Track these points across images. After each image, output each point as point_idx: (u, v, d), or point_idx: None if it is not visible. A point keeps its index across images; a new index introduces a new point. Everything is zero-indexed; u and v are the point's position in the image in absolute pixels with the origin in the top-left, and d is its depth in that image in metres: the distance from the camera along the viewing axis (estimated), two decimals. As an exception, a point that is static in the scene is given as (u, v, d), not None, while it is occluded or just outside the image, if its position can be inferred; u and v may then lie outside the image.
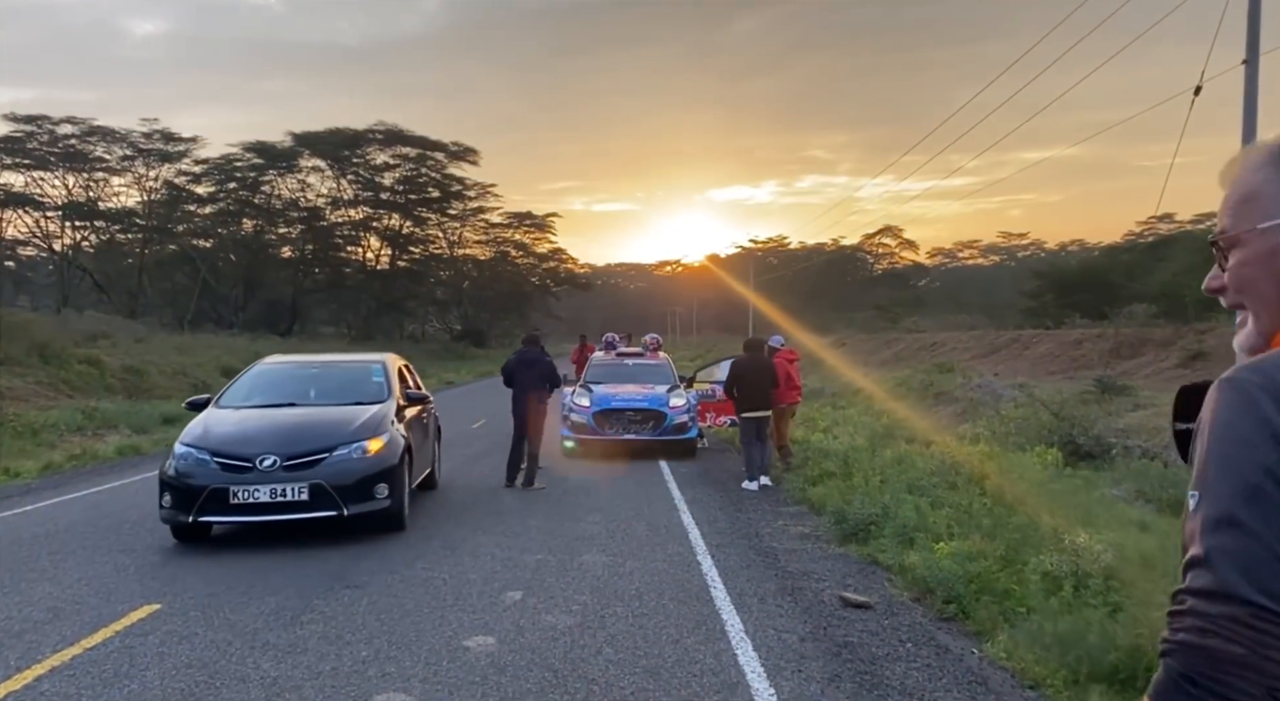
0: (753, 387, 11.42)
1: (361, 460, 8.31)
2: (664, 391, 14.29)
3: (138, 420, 20.58)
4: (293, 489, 7.95)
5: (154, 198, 58.39)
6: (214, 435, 8.42)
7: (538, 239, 73.66)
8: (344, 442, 8.34)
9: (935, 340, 39.11)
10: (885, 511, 8.37)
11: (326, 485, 8.02)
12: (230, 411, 9.14)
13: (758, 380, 11.47)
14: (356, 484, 8.17)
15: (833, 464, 11.63)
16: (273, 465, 8.01)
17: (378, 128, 59.73)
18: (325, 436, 8.38)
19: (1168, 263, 35.40)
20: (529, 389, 11.57)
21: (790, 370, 12.26)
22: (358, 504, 8.14)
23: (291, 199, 61.72)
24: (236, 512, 7.96)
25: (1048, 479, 11.30)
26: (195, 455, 8.17)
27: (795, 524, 9.22)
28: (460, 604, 6.38)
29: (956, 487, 9.92)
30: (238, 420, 8.81)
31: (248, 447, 8.15)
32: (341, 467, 8.17)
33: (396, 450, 8.70)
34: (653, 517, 9.51)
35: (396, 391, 9.75)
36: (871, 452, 12.84)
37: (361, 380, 10.03)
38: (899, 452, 13.49)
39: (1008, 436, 16.57)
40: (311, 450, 8.18)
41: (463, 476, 12.30)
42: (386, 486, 8.37)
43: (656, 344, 16.50)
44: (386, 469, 8.44)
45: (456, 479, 12.09)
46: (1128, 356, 25.94)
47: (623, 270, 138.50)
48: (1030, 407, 19.45)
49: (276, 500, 7.91)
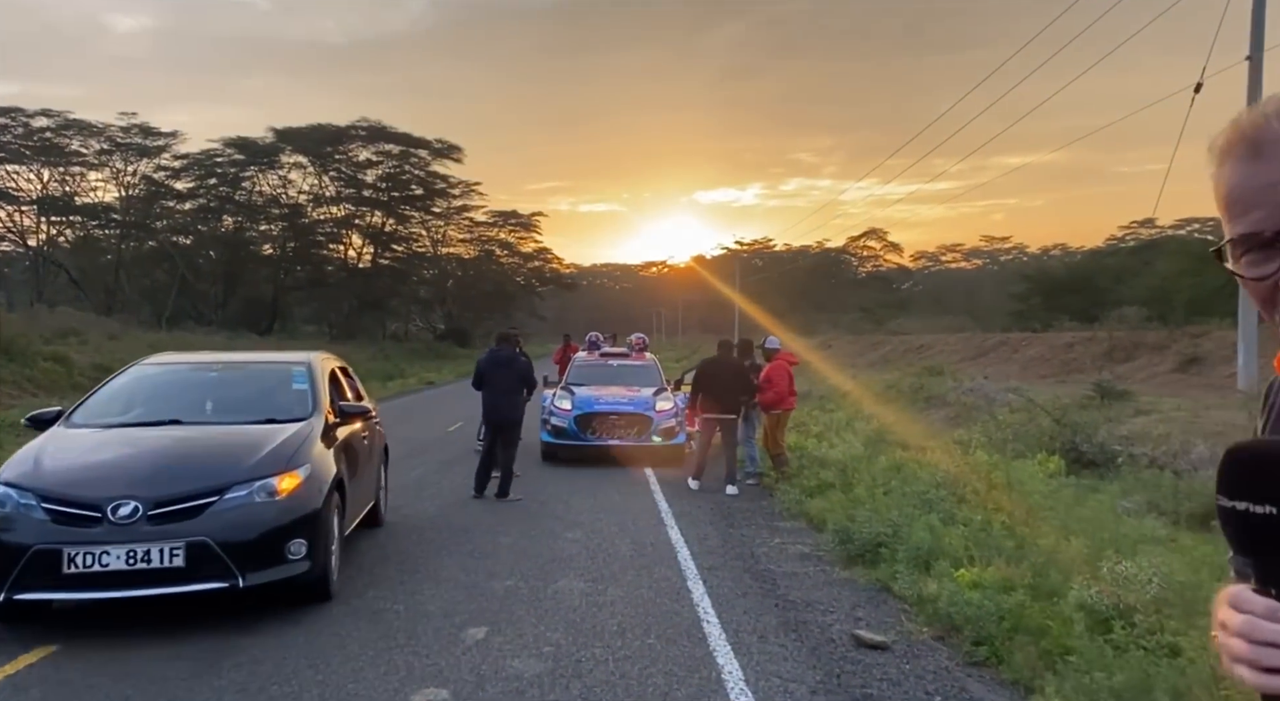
0: (724, 389, 11.03)
1: (268, 505, 5.81)
2: (650, 394, 13.37)
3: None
4: (161, 551, 5.41)
5: (132, 193, 57.05)
6: (48, 469, 5.82)
7: (523, 238, 72.61)
8: (243, 479, 5.81)
9: (922, 342, 38.42)
10: (895, 530, 7.47)
11: (213, 543, 5.50)
12: (85, 432, 6.55)
13: (727, 382, 11.06)
14: (259, 540, 5.70)
15: (831, 473, 10.76)
16: (133, 514, 5.45)
17: (360, 124, 58.55)
18: (215, 470, 5.89)
19: (1156, 266, 34.85)
20: (501, 392, 10.61)
21: (786, 375, 11.32)
22: (260, 569, 5.67)
23: (273, 195, 60.45)
24: (72, 587, 5.43)
25: (1053, 488, 10.51)
26: (16, 499, 5.55)
27: (794, 541, 8.32)
28: (413, 644, 5.44)
29: (966, 502, 9.06)
30: (90, 447, 6.26)
31: (96, 488, 5.59)
32: (237, 517, 5.68)
33: (320, 488, 6.20)
34: (638, 534, 8.59)
35: (325, 403, 7.16)
36: (870, 461, 12.00)
37: (278, 388, 7.46)
38: (895, 460, 12.67)
39: (1005, 443, 15.77)
40: (193, 492, 5.64)
41: (431, 485, 11.35)
42: (304, 542, 5.88)
43: (643, 344, 15.57)
44: (305, 517, 5.94)
45: (425, 488, 11.13)
46: (1121, 360, 25.25)
47: (608, 270, 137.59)
48: (1026, 412, 18.69)
49: (135, 567, 5.36)
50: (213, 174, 58.50)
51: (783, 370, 11.22)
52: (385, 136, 59.08)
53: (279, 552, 5.80)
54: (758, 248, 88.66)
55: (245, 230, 61.56)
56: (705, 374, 11.39)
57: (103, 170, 56.40)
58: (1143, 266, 36.21)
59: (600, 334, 16.53)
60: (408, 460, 13.58)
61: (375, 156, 60.43)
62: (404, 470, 12.48)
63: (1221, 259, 1.08)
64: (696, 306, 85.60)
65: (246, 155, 58.09)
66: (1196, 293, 29.51)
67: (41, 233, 55.56)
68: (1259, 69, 18.48)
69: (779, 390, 11.15)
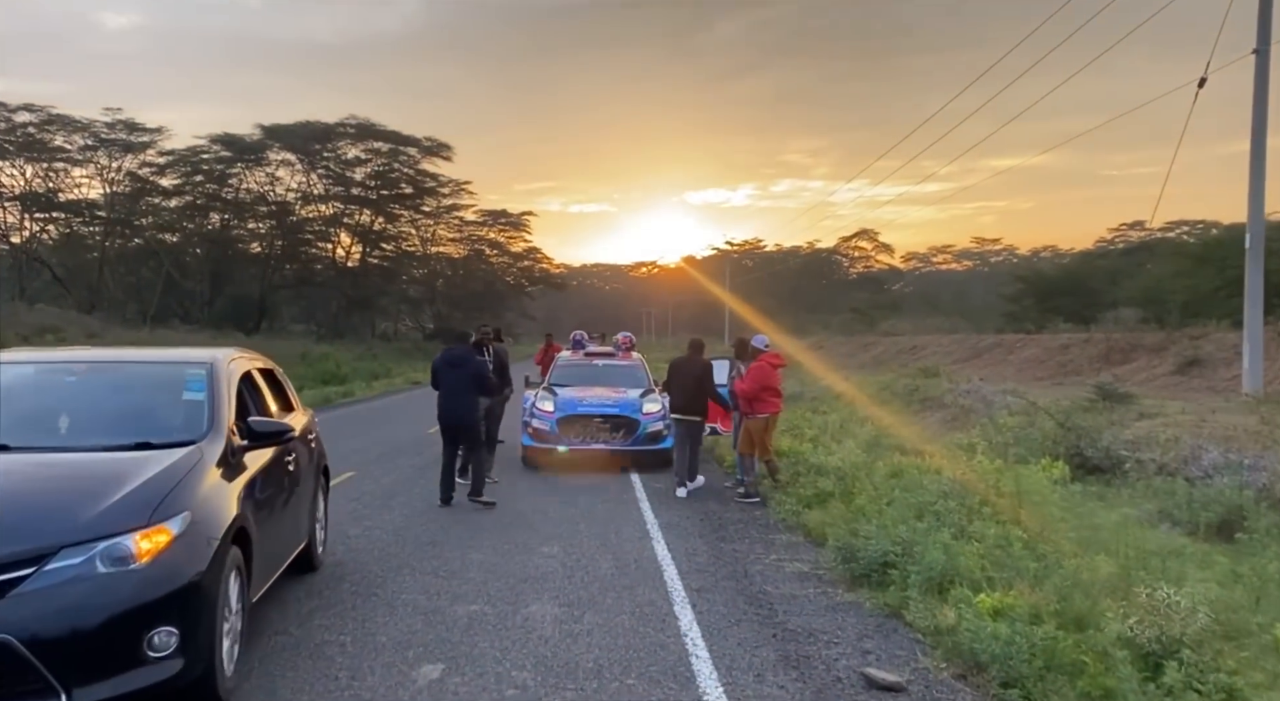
0: (681, 390, 10.82)
1: (115, 578, 3.88)
2: (637, 396, 12.61)
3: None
4: None
5: (117, 189, 56.03)
6: None
7: (513, 237, 71.75)
8: (77, 540, 3.90)
9: (915, 343, 37.77)
10: (905, 548, 6.73)
11: (17, 643, 3.63)
12: None
13: (684, 383, 10.82)
14: (97, 633, 3.78)
15: (829, 482, 10.02)
16: None
17: (349, 121, 57.63)
18: (35, 526, 3.95)
19: (1150, 267, 34.26)
20: (452, 393, 9.86)
21: (773, 375, 10.54)
22: (98, 677, 3.77)
23: (260, 193, 59.46)
24: None
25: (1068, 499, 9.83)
26: None
27: (791, 558, 7.57)
28: (355, 685, 4.68)
29: (977, 514, 8.34)
30: None
31: None
32: (62, 599, 3.76)
33: (207, 544, 4.29)
34: (620, 549, 7.83)
35: (228, 420, 5.20)
36: (869, 468, 11.28)
37: (162, 399, 5.43)
38: (895, 465, 11.97)
39: (1006, 447, 15.10)
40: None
41: (402, 493, 10.57)
42: (174, 631, 3.97)
43: (629, 343, 14.78)
44: (177, 592, 4.01)
45: (395, 496, 10.35)
46: (1119, 362, 24.61)
47: (599, 271, 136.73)
48: (1026, 415, 18.02)
49: None
50: (199, 171, 57.52)
51: (763, 371, 10.39)
52: (374, 134, 58.19)
53: (132, 649, 3.86)
54: (748, 248, 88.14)
55: (233, 228, 60.62)
56: (672, 373, 11.17)
57: (87, 166, 55.46)
58: (1136, 268, 35.65)
59: (585, 332, 15.73)
60: (381, 464, 12.81)
61: (364, 154, 59.54)
62: (375, 476, 11.72)
63: None
64: (687, 307, 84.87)
65: (233, 152, 57.12)
66: (1192, 294, 28.92)
67: (25, 229, 54.55)
68: (1266, 63, 17.86)
69: (747, 391, 10.29)
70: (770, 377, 10.33)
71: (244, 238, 61.70)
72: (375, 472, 12.05)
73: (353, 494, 10.33)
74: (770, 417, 10.35)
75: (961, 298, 72.32)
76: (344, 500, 9.93)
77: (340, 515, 9.03)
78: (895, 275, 79.73)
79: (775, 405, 10.41)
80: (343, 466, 12.58)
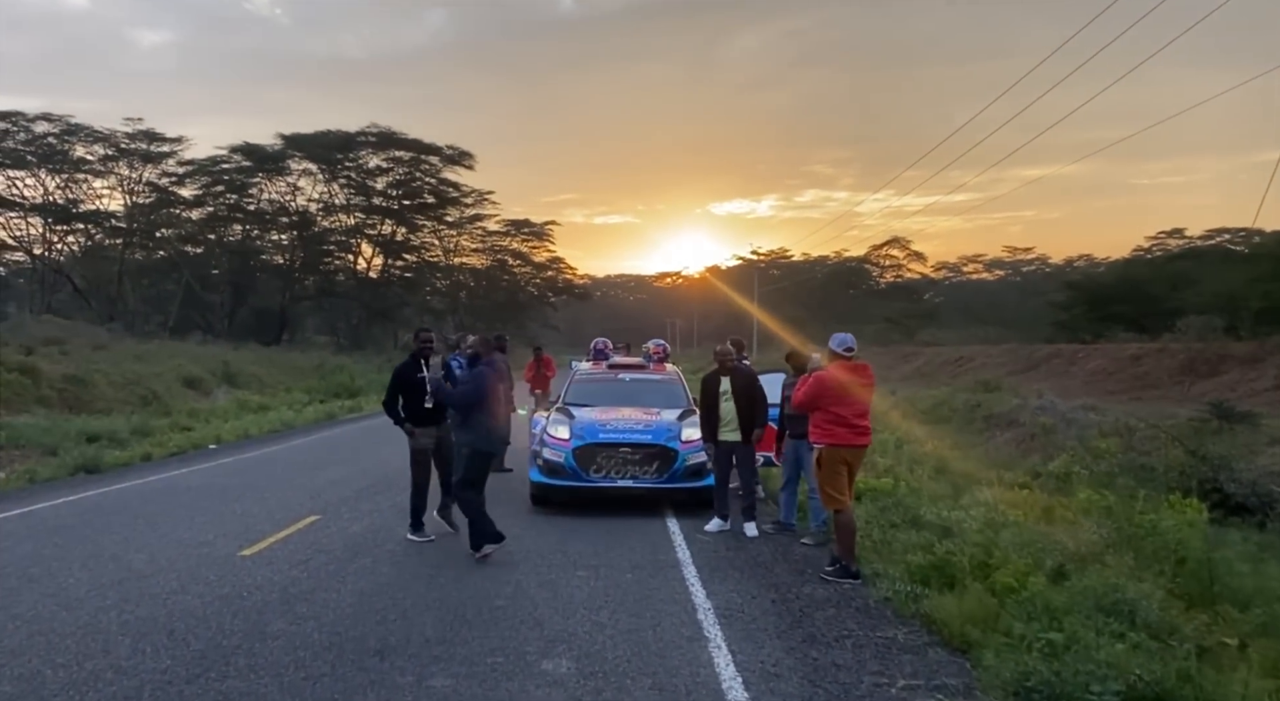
0: (711, 409, 8.78)
1: None
2: (674, 419, 9.87)
3: (54, 438, 16.45)
4: None
5: (137, 200, 54.19)
6: None
7: (536, 247, 69.26)
8: None
9: (961, 354, 34.77)
10: (1131, 687, 3.96)
11: None
12: None
13: (712, 402, 8.76)
14: None
15: (930, 536, 7.26)
16: None
17: (370, 130, 55.47)
18: None
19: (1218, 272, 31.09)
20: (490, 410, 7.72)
21: (836, 390, 7.02)
22: None
23: (281, 203, 57.42)
24: None
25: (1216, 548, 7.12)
26: None
27: (928, 682, 4.80)
28: None
29: (1186, 604, 5.57)
30: None
31: None
32: None
33: None
34: (663, 661, 5.09)
35: None
36: (966, 510, 8.51)
37: None
38: (989, 507, 9.26)
39: (1111, 477, 12.27)
40: None
41: (370, 548, 7.88)
42: None
43: (663, 353, 11.95)
44: None
45: (359, 554, 7.67)
46: (1206, 375, 21.59)
47: (622, 281, 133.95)
48: (1121, 437, 15.14)
49: None
50: (220, 181, 55.59)
51: (820, 382, 7.03)
52: (395, 143, 56.04)
53: None
54: (774, 257, 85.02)
55: (254, 239, 58.65)
56: (706, 390, 8.87)
57: (108, 177, 53.74)
58: (1201, 273, 32.44)
59: (608, 340, 12.89)
60: (357, 502, 10.14)
61: (385, 163, 57.38)
62: (344, 521, 9.04)
63: None
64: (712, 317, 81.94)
65: (254, 162, 55.16)
66: (1273, 300, 25.80)
67: (46, 241, 52.74)
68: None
69: (797, 405, 7.39)
70: (829, 392, 6.92)
71: (266, 249, 59.68)
72: (345, 516, 9.39)
73: (303, 552, 7.68)
74: (826, 452, 6.97)
75: (994, 307, 68.96)
76: (289, 563, 7.29)
77: (275, 590, 6.38)
78: (926, 284, 76.41)
79: (836, 435, 6.93)
80: (310, 506, 9.95)
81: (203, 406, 26.08)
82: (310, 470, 13.14)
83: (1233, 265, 31.74)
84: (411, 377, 8.11)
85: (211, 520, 9.21)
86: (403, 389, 8.16)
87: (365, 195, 57.96)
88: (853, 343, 7.13)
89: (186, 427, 19.59)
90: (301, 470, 13.17)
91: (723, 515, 8.72)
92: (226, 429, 19.58)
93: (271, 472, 13.02)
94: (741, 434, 8.60)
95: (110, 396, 25.20)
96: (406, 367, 8.25)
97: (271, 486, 11.50)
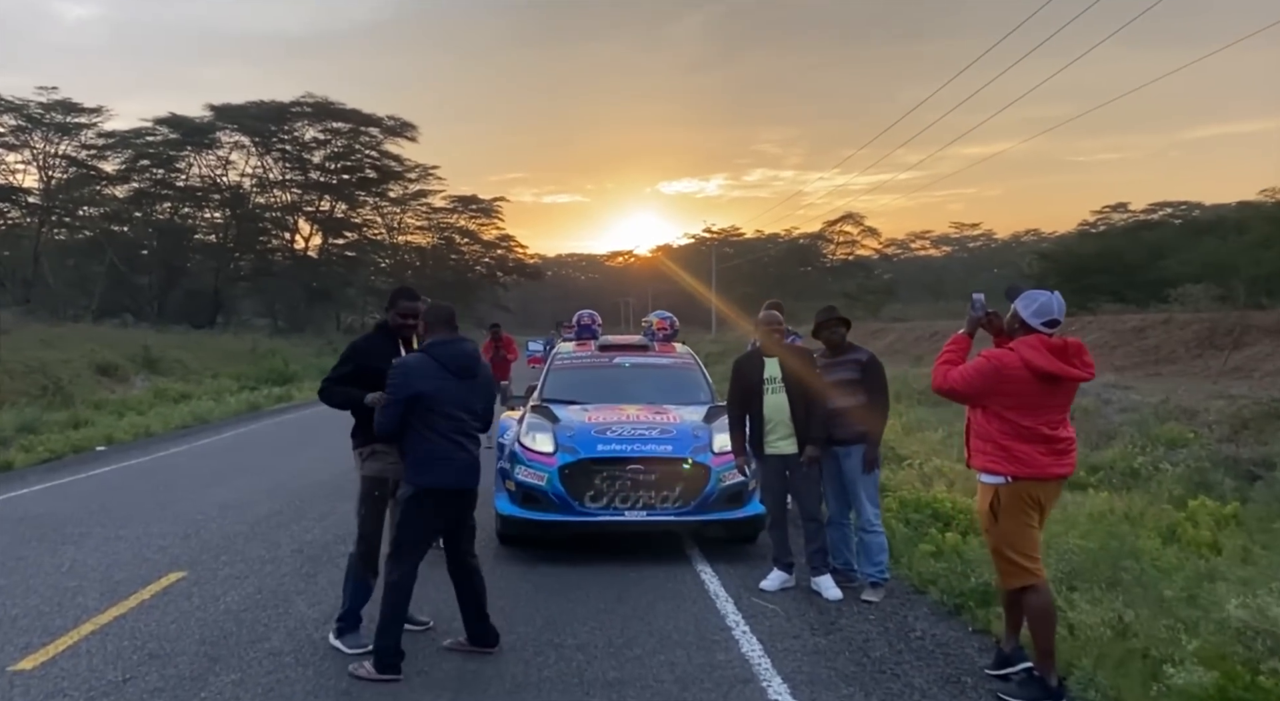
0: (745, 402, 5.80)
1: None
2: (699, 421, 6.80)
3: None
4: None
5: (55, 175, 49.19)
6: None
7: (484, 225, 65.33)
8: None
9: (935, 330, 32.34)
10: None
11: None
12: None
13: (749, 389, 5.77)
14: None
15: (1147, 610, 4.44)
16: None
17: (305, 100, 51.10)
18: None
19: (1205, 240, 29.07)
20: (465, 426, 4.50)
21: (1021, 378, 3.91)
22: None
23: (212, 179, 52.79)
24: None
25: None
26: None
27: None
28: None
29: None
30: None
31: None
32: None
33: None
34: None
35: None
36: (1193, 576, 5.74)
37: None
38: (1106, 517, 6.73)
39: (1203, 472, 9.67)
40: None
41: (235, 653, 4.78)
42: None
43: (670, 328, 8.73)
44: None
45: (214, 670, 4.55)
46: (1227, 347, 19.33)
47: (574, 260, 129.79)
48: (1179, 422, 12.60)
49: None
50: (145, 155, 50.77)
51: (1002, 365, 3.94)
52: (332, 113, 51.78)
53: None
54: (727, 235, 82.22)
55: (186, 217, 53.94)
56: (745, 374, 5.84)
57: (22, 151, 48.63)
58: (1187, 241, 30.40)
59: (595, 313, 9.67)
60: (248, 544, 6.87)
61: (322, 135, 53.08)
62: (220, 581, 5.77)
63: None
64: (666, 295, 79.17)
65: (181, 134, 50.46)
66: (1276, 267, 23.71)
67: (-48, 219, 47.65)
68: None
69: (953, 392, 4.15)
70: (1016, 385, 3.90)
71: (198, 227, 54.99)
72: (224, 572, 6.21)
73: (129, 658, 4.52)
74: (1006, 490, 3.96)
75: (943, 283, 67.22)
76: (95, 684, 4.13)
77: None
78: (879, 261, 74.47)
79: (1025, 459, 3.93)
80: (177, 552, 6.75)
81: (114, 397, 22.38)
82: (203, 486, 9.87)
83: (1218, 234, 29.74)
84: (379, 365, 4.49)
85: (11, 584, 5.97)
86: (363, 378, 4.59)
87: (302, 169, 53.64)
88: (1060, 309, 4.10)
89: (84, 423, 16.06)
90: (191, 487, 9.89)
91: (785, 565, 5.77)
92: (124, 426, 16.08)
93: (151, 490, 9.71)
94: (798, 442, 5.65)
95: (7, 386, 21.34)
96: (373, 345, 4.77)
97: (136, 516, 8.23)
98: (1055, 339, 3.98)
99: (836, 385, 5.68)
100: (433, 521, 4.38)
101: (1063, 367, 3.91)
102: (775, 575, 5.73)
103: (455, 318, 4.59)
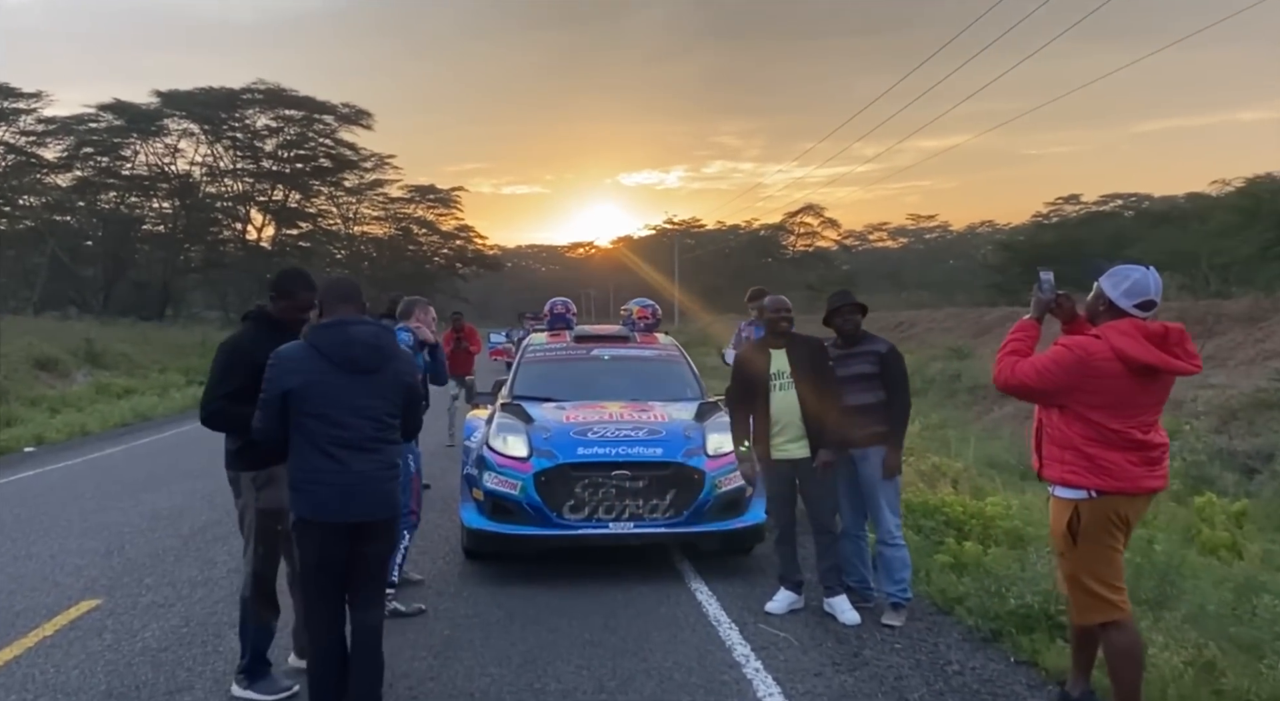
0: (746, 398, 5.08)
1: None
2: (690, 419, 6.07)
3: None
4: None
5: (-9, 162, 46.97)
6: None
7: (443, 215, 63.86)
8: None
9: (900, 320, 32.00)
10: None
11: None
12: None
13: (755, 392, 5.02)
14: None
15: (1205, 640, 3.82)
16: None
17: (257, 86, 49.28)
18: None
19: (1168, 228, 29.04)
20: (363, 438, 3.41)
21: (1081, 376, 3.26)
22: None
23: (159, 167, 50.78)
24: None
25: None
26: None
27: None
28: None
29: None
30: None
31: None
32: None
33: None
34: None
35: None
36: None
37: None
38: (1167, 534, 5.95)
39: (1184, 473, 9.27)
40: None
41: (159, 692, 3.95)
42: None
43: (652, 317, 8.00)
44: None
45: None
46: (1199, 335, 19.09)
47: (534, 252, 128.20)
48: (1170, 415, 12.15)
49: None
50: (88, 142, 48.64)
51: (1085, 353, 3.23)
52: (285, 101, 49.98)
53: None
54: (688, 226, 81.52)
55: (133, 207, 51.84)
56: (749, 369, 5.10)
57: (-44, 137, 46.29)
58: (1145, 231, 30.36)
59: (570, 301, 8.71)
60: (180, 563, 5.98)
61: (275, 122, 51.23)
62: (144, 607, 4.87)
63: None
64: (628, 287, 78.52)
65: (127, 121, 48.40)
66: (1234, 257, 23.69)
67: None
68: None
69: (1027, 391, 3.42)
70: (1099, 377, 3.21)
71: (146, 217, 52.89)
72: (146, 598, 5.35)
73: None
74: (1089, 506, 3.25)
75: (901, 274, 67.33)
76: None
77: None
78: (839, 252, 74.40)
79: (1110, 470, 3.22)
80: (96, 573, 5.85)
81: (53, 392, 21.04)
82: (135, 492, 8.92)
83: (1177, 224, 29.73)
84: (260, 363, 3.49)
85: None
86: (252, 386, 3.51)
87: (254, 158, 51.82)
88: (1156, 289, 3.42)
89: (15, 421, 14.87)
90: (121, 493, 8.93)
91: (793, 584, 5.06)
92: (57, 424, 14.93)
93: (75, 498, 8.73)
94: (810, 445, 4.94)
95: (-67, 384, 19.92)
96: (260, 344, 3.64)
97: (53, 529, 7.29)
98: (1153, 323, 3.30)
99: (852, 380, 4.97)
100: (332, 555, 3.38)
101: (1164, 358, 3.23)
102: (783, 595, 5.02)
103: (359, 294, 3.57)
